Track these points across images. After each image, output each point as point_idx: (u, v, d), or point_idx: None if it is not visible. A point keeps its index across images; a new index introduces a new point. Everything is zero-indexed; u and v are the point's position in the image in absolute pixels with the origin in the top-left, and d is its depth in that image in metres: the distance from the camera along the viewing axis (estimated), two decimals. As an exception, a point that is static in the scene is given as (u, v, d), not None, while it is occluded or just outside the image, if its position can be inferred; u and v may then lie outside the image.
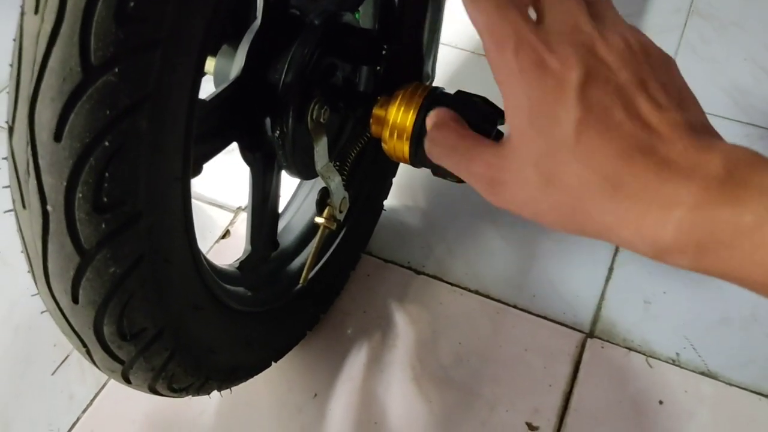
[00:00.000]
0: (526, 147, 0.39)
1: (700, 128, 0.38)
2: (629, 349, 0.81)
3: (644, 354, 0.80)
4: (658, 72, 0.40)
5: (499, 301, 0.85)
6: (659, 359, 0.80)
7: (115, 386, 0.76)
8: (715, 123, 0.38)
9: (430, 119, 0.47)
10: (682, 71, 0.42)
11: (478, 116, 0.54)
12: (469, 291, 0.86)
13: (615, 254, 0.89)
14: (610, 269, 0.88)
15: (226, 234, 0.92)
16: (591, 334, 0.82)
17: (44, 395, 0.76)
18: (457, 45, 1.19)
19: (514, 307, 0.85)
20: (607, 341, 0.81)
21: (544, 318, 0.83)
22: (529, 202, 0.40)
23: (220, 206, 0.94)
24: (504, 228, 0.92)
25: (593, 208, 0.37)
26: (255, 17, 0.61)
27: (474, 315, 0.84)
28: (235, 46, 0.59)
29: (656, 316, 0.84)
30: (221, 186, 0.95)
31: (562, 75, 0.38)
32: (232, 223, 0.93)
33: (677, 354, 0.80)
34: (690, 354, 0.80)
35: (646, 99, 0.38)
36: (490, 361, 0.79)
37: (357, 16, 0.74)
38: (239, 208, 0.95)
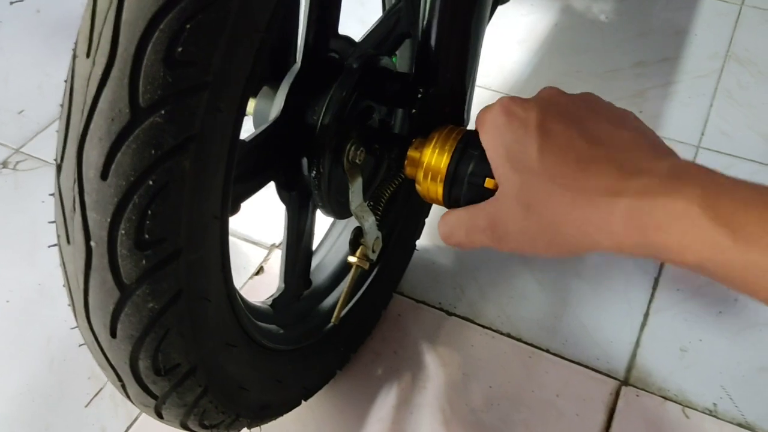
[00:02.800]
0: (509, 185, 0.47)
1: (659, 146, 0.44)
2: (665, 398, 0.79)
3: (680, 404, 0.78)
4: (613, 111, 0.48)
5: (531, 345, 0.84)
6: (696, 409, 0.78)
7: (147, 421, 0.77)
8: (751, 168, 0.39)
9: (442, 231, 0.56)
10: (718, 116, 0.46)
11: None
12: (501, 334, 0.85)
13: (651, 300, 0.88)
14: (646, 315, 0.87)
15: (259, 270, 0.93)
16: (626, 382, 0.80)
17: (77, 427, 0.77)
18: (490, 87, 1.20)
19: (547, 351, 0.84)
20: (643, 389, 0.80)
21: (578, 364, 0.82)
22: (522, 235, 0.46)
23: (255, 243, 0.96)
24: (537, 271, 0.91)
25: (566, 220, 0.43)
26: (294, 59, 0.63)
27: (506, 358, 0.83)
28: (274, 87, 0.60)
29: (693, 365, 0.82)
30: (256, 223, 0.97)
31: (525, 117, 0.46)
32: (266, 259, 0.94)
33: (714, 404, 0.78)
34: (727, 404, 0.78)
35: (601, 121, 0.45)
36: (522, 406, 0.78)
37: (394, 59, 0.75)
38: (273, 245, 0.96)
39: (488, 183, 0.54)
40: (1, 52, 1.30)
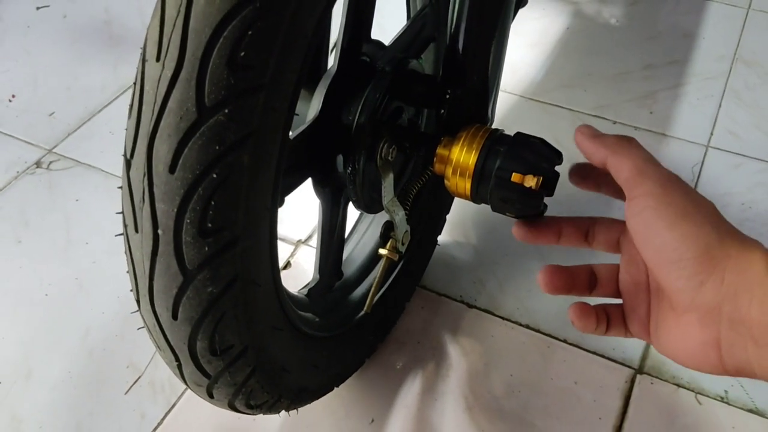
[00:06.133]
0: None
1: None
2: (678, 385, 0.82)
3: (693, 391, 0.82)
4: None
5: (549, 335, 0.88)
6: (708, 396, 0.81)
7: (185, 407, 0.81)
8: (759, 167, 0.42)
9: None
10: (727, 117, 0.47)
11: (537, 156, 0.58)
12: (520, 325, 0.89)
13: (663, 293, 0.91)
14: (658, 307, 0.90)
15: (287, 265, 0.96)
16: (640, 370, 0.84)
17: (117, 414, 0.81)
18: (504, 89, 1.24)
19: (564, 341, 0.87)
20: (657, 377, 0.83)
21: (594, 353, 0.86)
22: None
23: (282, 239, 0.99)
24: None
25: None
26: (326, 64, 0.66)
27: (525, 348, 0.87)
28: (310, 89, 0.64)
29: (705, 354, 0.85)
30: (283, 219, 1.00)
31: None
32: (293, 255, 0.98)
33: (725, 392, 0.82)
34: (738, 392, 0.82)
35: None
36: (541, 393, 0.82)
37: (420, 62, 0.79)
38: (300, 241, 1.00)
39: (515, 177, 0.58)
40: (29, 56, 1.34)
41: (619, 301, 0.50)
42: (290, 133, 0.59)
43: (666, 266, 0.42)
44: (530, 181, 0.57)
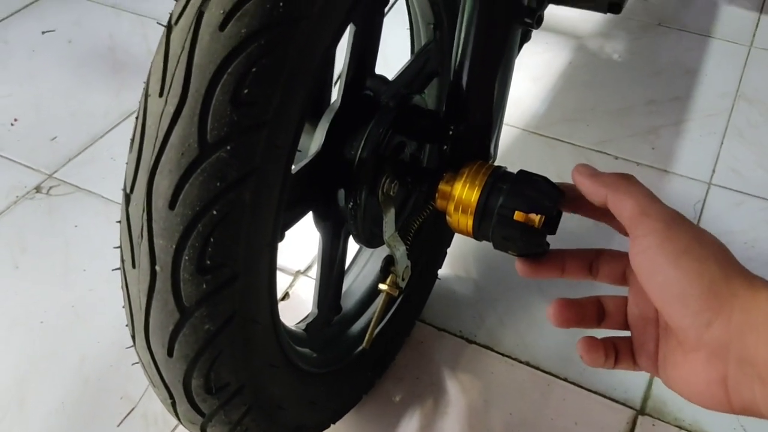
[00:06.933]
0: None
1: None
2: (680, 428, 0.81)
3: (696, 433, 0.81)
4: None
5: (549, 373, 0.87)
6: (711, 439, 0.80)
7: (177, 440, 0.79)
8: (760, 205, 0.41)
9: None
10: (729, 154, 0.46)
11: (540, 195, 0.58)
12: (520, 362, 0.88)
13: (665, 331, 0.90)
14: (660, 346, 0.89)
15: (285, 296, 0.96)
16: (642, 411, 0.83)
17: (109, 446, 0.79)
18: (507, 122, 1.24)
19: (565, 380, 0.86)
20: (659, 419, 0.82)
21: (595, 393, 0.84)
22: None
23: (280, 269, 0.98)
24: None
25: None
26: (329, 97, 0.66)
27: (525, 386, 0.85)
28: (313, 123, 0.64)
29: (707, 396, 0.84)
30: (281, 250, 1.00)
31: None
32: (291, 285, 0.97)
33: (729, 435, 0.81)
34: (742, 435, 0.80)
35: None
36: (541, 433, 0.81)
37: (423, 96, 0.79)
38: (298, 272, 0.99)
39: (517, 215, 0.57)
40: (33, 80, 1.35)
41: (627, 333, 0.50)
42: (292, 167, 0.59)
43: (671, 303, 0.42)
44: (533, 220, 0.56)
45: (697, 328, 0.41)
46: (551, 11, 1.15)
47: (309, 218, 0.66)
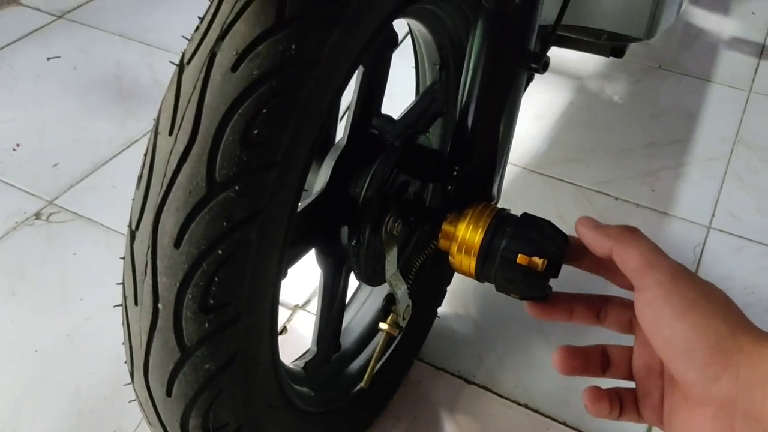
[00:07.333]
0: None
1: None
2: (680, 475, 0.80)
3: (695, 482, 0.80)
4: None
5: (548, 416, 0.86)
6: (711, 488, 0.79)
7: (169, 476, 0.78)
8: (760, 250, 0.41)
9: None
10: (728, 198, 0.46)
11: (544, 238, 0.58)
12: (519, 404, 0.87)
13: (664, 376, 0.90)
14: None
15: (283, 330, 0.95)
16: (641, 457, 0.82)
17: (100, 480, 0.78)
18: (516, 163, 1.25)
19: (564, 424, 0.85)
20: (658, 466, 0.81)
21: (594, 437, 0.84)
22: None
23: (279, 303, 0.98)
24: (554, 342, 0.93)
25: None
26: (335, 134, 0.67)
27: (523, 429, 0.85)
28: (319, 161, 0.64)
29: (707, 443, 0.83)
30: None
31: None
32: (289, 320, 0.96)
33: (729, 484, 0.79)
34: (742, 485, 0.79)
35: None
36: (539, 478, 0.79)
37: (428, 136, 0.80)
38: (297, 306, 0.98)
39: (521, 258, 0.57)
40: (37, 106, 1.35)
41: (631, 384, 0.50)
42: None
43: (676, 357, 0.41)
44: (536, 263, 0.56)
45: (703, 382, 0.40)
46: (553, 52, 1.16)
47: (310, 253, 0.66)
